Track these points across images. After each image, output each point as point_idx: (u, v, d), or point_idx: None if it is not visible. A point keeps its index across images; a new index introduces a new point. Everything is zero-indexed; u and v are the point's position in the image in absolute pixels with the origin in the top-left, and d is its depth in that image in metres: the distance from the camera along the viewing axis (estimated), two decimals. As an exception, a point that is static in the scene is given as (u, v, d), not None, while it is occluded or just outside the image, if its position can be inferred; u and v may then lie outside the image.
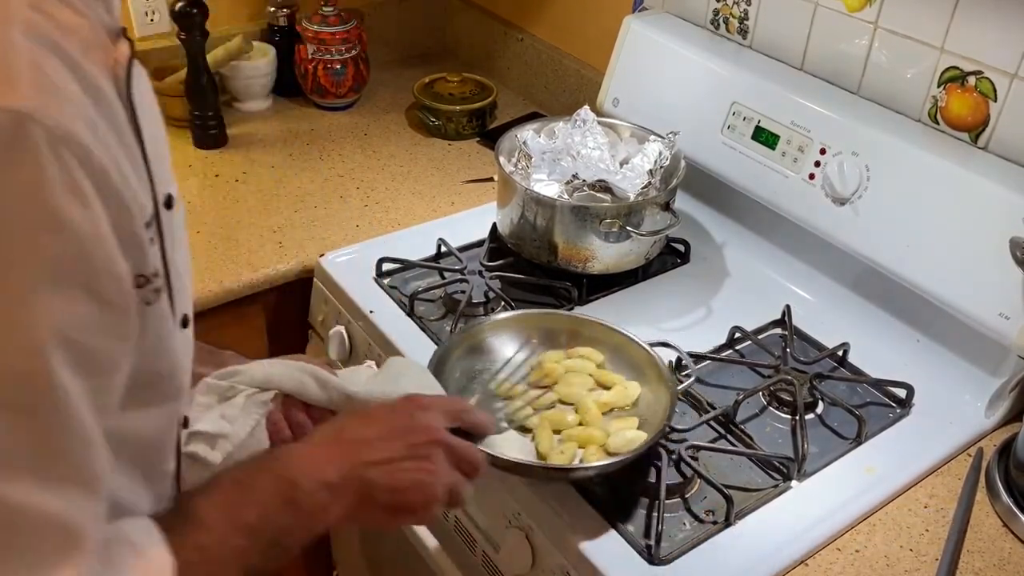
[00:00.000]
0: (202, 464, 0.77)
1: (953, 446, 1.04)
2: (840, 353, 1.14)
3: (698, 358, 1.11)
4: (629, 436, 0.93)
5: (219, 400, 0.80)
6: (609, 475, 0.93)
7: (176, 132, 1.61)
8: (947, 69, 1.12)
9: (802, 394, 1.05)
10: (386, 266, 1.24)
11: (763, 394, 1.08)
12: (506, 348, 1.04)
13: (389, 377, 0.87)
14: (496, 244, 1.29)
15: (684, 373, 1.09)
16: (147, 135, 0.57)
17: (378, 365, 0.94)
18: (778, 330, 1.19)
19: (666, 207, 1.22)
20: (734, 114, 1.28)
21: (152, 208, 0.57)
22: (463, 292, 1.18)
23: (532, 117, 1.64)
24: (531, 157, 1.27)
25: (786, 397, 1.07)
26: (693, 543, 0.89)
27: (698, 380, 1.10)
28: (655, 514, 0.90)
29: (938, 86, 1.14)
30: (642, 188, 1.23)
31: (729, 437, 1.03)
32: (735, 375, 1.12)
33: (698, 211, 1.41)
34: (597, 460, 0.90)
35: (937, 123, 1.16)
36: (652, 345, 1.02)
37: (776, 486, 0.96)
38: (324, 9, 1.67)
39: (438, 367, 0.97)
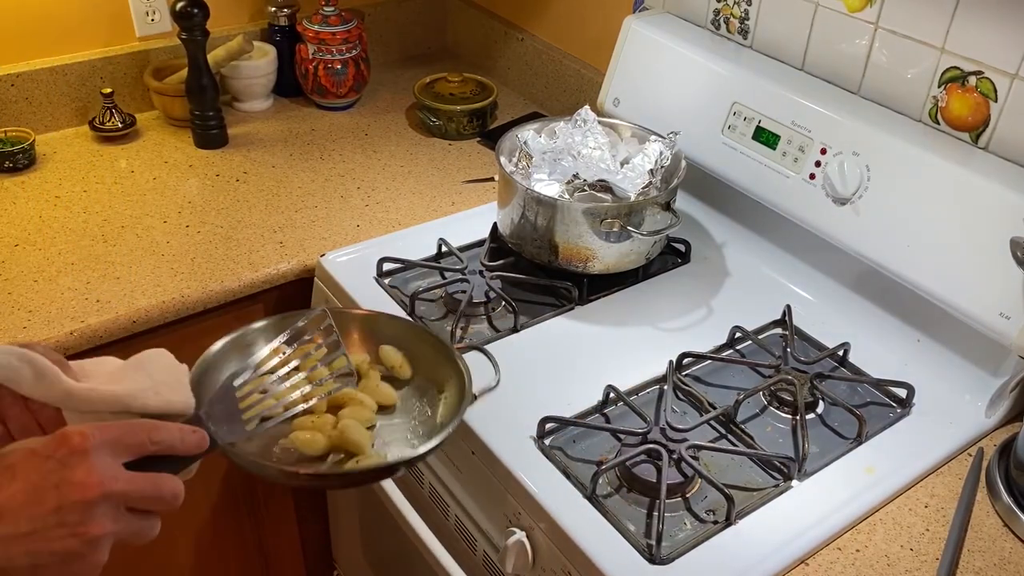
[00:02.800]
0: None
1: (953, 446, 1.04)
2: (840, 353, 1.14)
3: (699, 358, 1.11)
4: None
5: None
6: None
7: (177, 132, 1.61)
8: (947, 69, 1.12)
9: (803, 394, 1.05)
10: (387, 266, 1.25)
11: (764, 394, 1.08)
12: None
13: (129, 370, 0.76)
14: (497, 244, 1.29)
15: (685, 373, 1.10)
16: None
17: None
18: (779, 330, 1.20)
19: (667, 207, 1.22)
20: (735, 114, 1.28)
21: None
22: (464, 292, 1.18)
23: (532, 117, 1.64)
24: (532, 157, 1.27)
25: (787, 397, 1.07)
26: (694, 542, 0.89)
27: (698, 380, 1.10)
28: (656, 513, 0.90)
29: (938, 86, 1.14)
30: (643, 188, 1.23)
31: (730, 437, 1.03)
32: (736, 375, 1.12)
33: (699, 211, 1.41)
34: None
35: (938, 123, 1.16)
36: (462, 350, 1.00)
37: (777, 486, 0.96)
38: (325, 9, 1.67)
39: (204, 375, 0.87)
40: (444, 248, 1.29)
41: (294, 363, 0.86)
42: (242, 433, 0.79)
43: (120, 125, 1.56)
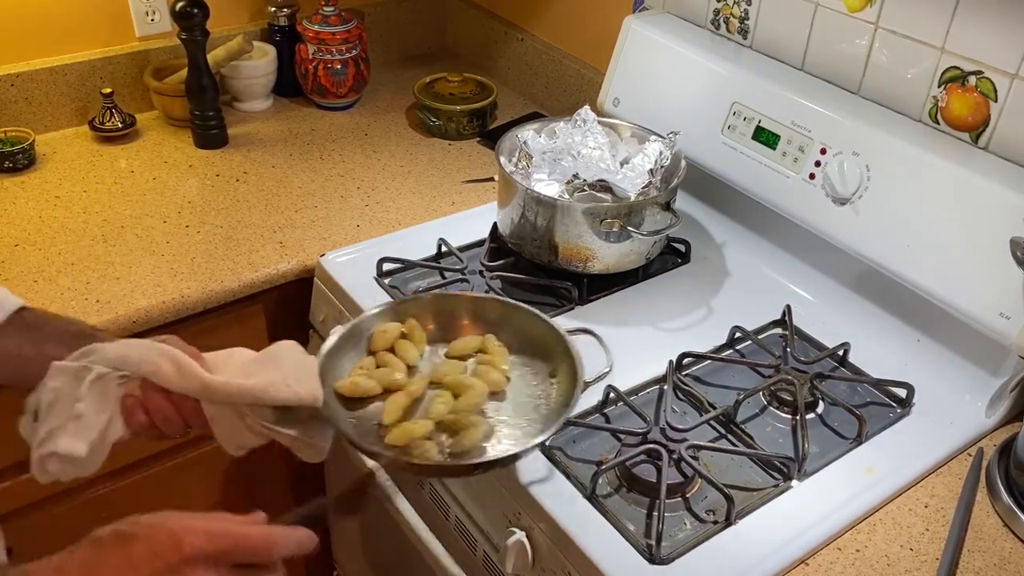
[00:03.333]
0: (67, 459, 0.74)
1: (953, 446, 1.04)
2: (840, 353, 1.14)
3: (699, 358, 1.11)
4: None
5: (71, 382, 0.75)
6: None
7: (176, 132, 1.61)
8: (947, 69, 1.12)
9: (802, 394, 1.05)
10: (387, 266, 1.25)
11: (764, 394, 1.08)
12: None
13: (265, 367, 0.80)
14: (497, 244, 1.29)
15: (685, 373, 1.10)
16: None
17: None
18: (778, 330, 1.20)
19: (667, 207, 1.22)
20: (734, 114, 1.28)
21: None
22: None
23: (532, 117, 1.64)
24: (531, 157, 1.27)
25: (786, 397, 1.07)
26: (694, 543, 0.89)
27: (698, 380, 1.10)
28: (656, 513, 0.90)
29: (938, 86, 1.14)
30: (643, 188, 1.23)
31: (730, 437, 1.03)
32: (735, 375, 1.12)
33: (698, 211, 1.41)
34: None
35: (937, 123, 1.16)
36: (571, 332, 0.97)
37: (777, 486, 0.96)
38: (324, 9, 1.67)
39: (328, 361, 0.90)
40: (444, 248, 1.29)
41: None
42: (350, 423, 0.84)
43: (120, 125, 1.56)
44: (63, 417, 0.74)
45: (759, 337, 1.15)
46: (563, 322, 1.18)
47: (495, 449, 0.85)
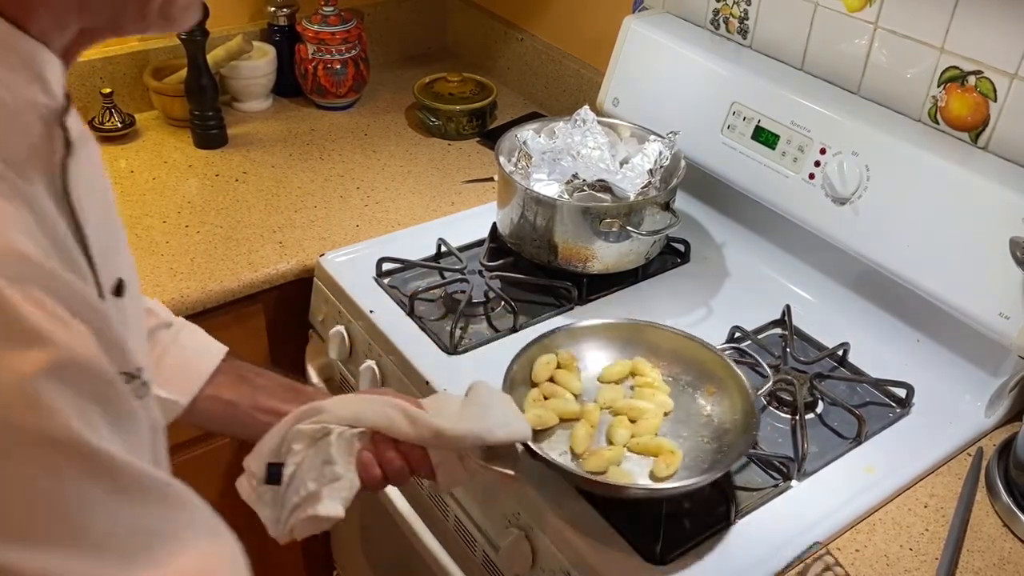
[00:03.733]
0: (323, 521, 0.77)
1: (953, 446, 1.04)
2: (840, 353, 1.14)
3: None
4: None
5: (310, 444, 0.79)
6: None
7: (176, 132, 1.61)
8: (947, 69, 1.12)
9: (802, 394, 1.05)
10: (386, 266, 1.25)
11: (763, 394, 1.08)
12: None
13: (477, 409, 0.85)
14: (496, 244, 1.29)
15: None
16: (90, 228, 0.56)
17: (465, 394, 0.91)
18: (778, 330, 1.19)
19: (666, 207, 1.22)
20: (734, 114, 1.28)
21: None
22: (463, 292, 1.18)
23: (532, 117, 1.64)
24: (531, 157, 1.27)
25: (786, 397, 1.07)
26: (694, 542, 0.89)
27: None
28: (656, 513, 0.90)
29: (938, 86, 1.14)
30: (642, 188, 1.23)
31: (729, 437, 1.03)
32: (735, 375, 1.12)
33: (698, 211, 1.41)
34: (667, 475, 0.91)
35: (937, 123, 1.16)
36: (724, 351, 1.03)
37: (776, 486, 0.96)
38: (324, 9, 1.67)
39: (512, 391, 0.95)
40: (443, 248, 1.29)
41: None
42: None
43: (120, 125, 1.56)
44: (319, 480, 0.78)
45: (759, 337, 1.15)
46: (563, 322, 1.18)
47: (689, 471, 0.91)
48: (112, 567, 0.48)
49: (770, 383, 1.06)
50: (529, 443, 0.86)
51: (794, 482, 0.97)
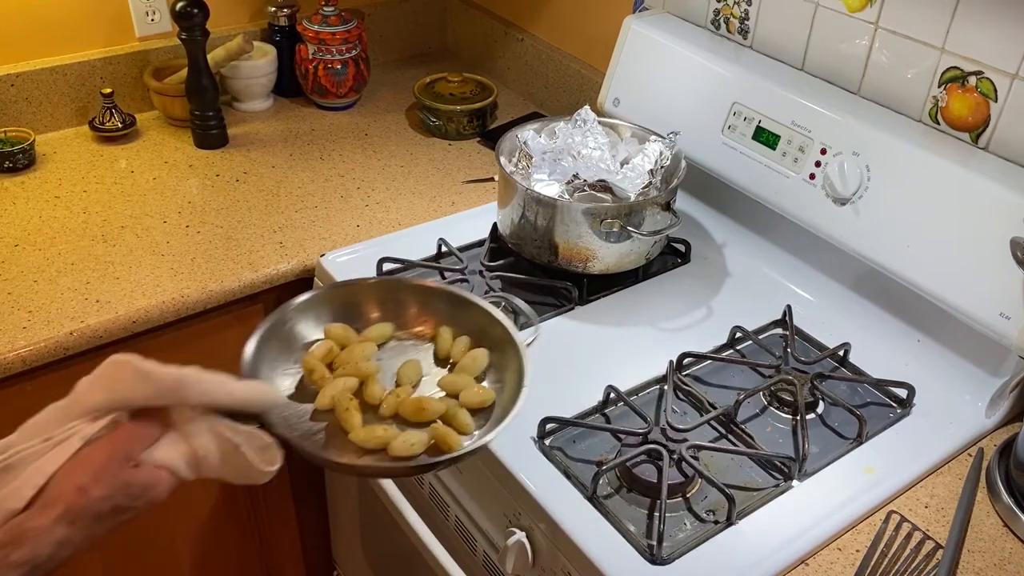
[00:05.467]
0: None
1: (953, 446, 1.04)
2: (841, 353, 1.14)
3: (699, 358, 1.11)
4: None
5: None
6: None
7: (177, 132, 1.61)
8: (948, 69, 1.12)
9: (803, 394, 1.05)
10: (387, 266, 1.24)
11: (764, 394, 1.08)
12: (317, 332, 0.89)
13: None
14: (497, 244, 1.29)
15: (686, 373, 1.10)
16: None
17: None
18: (779, 330, 1.20)
19: (667, 207, 1.22)
20: (735, 114, 1.28)
21: None
22: (464, 292, 1.18)
23: (532, 117, 1.64)
24: (532, 157, 1.27)
25: (787, 397, 1.07)
26: (694, 543, 0.89)
27: (699, 380, 1.10)
28: (656, 514, 0.90)
29: (939, 86, 1.14)
30: (643, 188, 1.23)
31: (730, 437, 1.03)
32: (736, 375, 1.12)
33: (699, 211, 1.41)
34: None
35: (938, 123, 1.16)
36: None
37: (777, 486, 0.96)
38: (324, 9, 1.67)
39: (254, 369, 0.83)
40: (444, 248, 1.29)
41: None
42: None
43: (120, 125, 1.56)
44: None
45: (759, 337, 1.15)
46: (563, 322, 1.18)
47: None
48: None
49: (770, 383, 1.06)
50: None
51: (795, 482, 0.97)
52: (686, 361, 1.11)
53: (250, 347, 0.83)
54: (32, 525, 0.62)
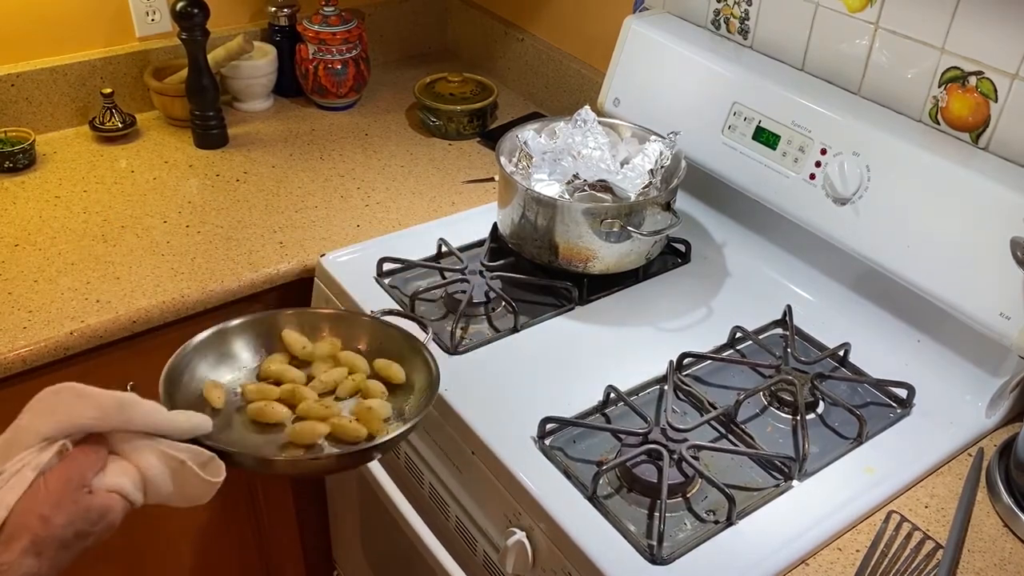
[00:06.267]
0: None
1: (954, 446, 1.04)
2: (841, 353, 1.14)
3: (699, 358, 1.11)
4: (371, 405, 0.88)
5: None
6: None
7: (177, 132, 1.61)
8: (948, 69, 1.12)
9: (803, 394, 1.05)
10: (387, 266, 1.24)
11: (764, 394, 1.08)
12: (243, 354, 0.95)
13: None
14: (497, 244, 1.29)
15: (686, 373, 1.10)
16: None
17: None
18: (779, 330, 1.20)
19: (667, 207, 1.22)
20: (735, 114, 1.28)
21: None
22: (464, 292, 1.18)
23: (532, 117, 1.64)
24: (532, 157, 1.27)
25: (787, 397, 1.07)
26: (695, 542, 0.89)
27: (699, 380, 1.10)
28: (656, 514, 0.90)
29: (939, 86, 1.14)
30: (643, 188, 1.23)
31: (730, 437, 1.03)
32: (736, 375, 1.12)
33: (699, 211, 1.41)
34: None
35: (938, 123, 1.16)
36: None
37: (777, 486, 0.96)
38: (325, 9, 1.67)
39: (178, 374, 0.88)
40: (444, 248, 1.29)
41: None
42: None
43: (120, 125, 1.56)
44: None
45: (760, 337, 1.15)
46: (563, 322, 1.18)
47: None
48: None
49: (770, 383, 1.06)
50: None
51: (795, 482, 0.97)
52: (686, 361, 1.11)
53: (160, 387, 0.85)
54: (1, 560, 0.62)
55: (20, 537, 0.63)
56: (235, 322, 0.95)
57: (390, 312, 1.07)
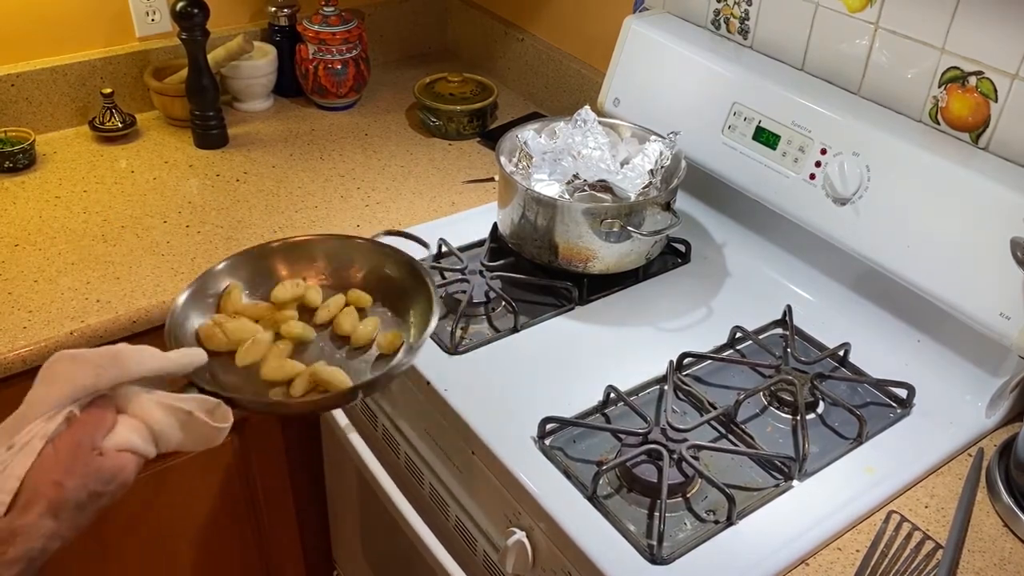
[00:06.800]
0: None
1: (954, 446, 1.04)
2: (841, 353, 1.14)
3: (699, 358, 1.11)
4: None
5: None
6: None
7: (177, 132, 1.61)
8: (948, 69, 1.12)
9: (803, 394, 1.05)
10: (387, 266, 1.24)
11: (764, 394, 1.08)
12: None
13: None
14: (497, 244, 1.29)
15: (686, 373, 1.10)
16: None
17: None
18: (779, 330, 1.20)
19: (667, 207, 1.22)
20: (735, 114, 1.28)
21: None
22: (464, 292, 1.18)
23: (532, 117, 1.64)
24: (532, 157, 1.27)
25: (787, 397, 1.07)
26: (695, 542, 0.89)
27: (699, 380, 1.10)
28: (657, 513, 0.90)
29: (939, 86, 1.14)
30: (643, 188, 1.23)
31: (730, 437, 1.03)
32: (736, 375, 1.12)
33: (699, 211, 1.41)
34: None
35: (938, 123, 1.16)
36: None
37: (777, 486, 0.97)
38: (325, 9, 1.67)
39: (176, 326, 0.88)
40: (444, 248, 1.29)
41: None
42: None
43: (120, 125, 1.56)
44: None
45: (759, 337, 1.15)
46: (563, 322, 1.18)
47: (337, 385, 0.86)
48: None
49: (770, 383, 1.06)
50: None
51: (795, 482, 0.97)
52: (686, 361, 1.11)
53: (180, 300, 0.90)
54: (20, 523, 0.64)
55: (36, 503, 0.65)
56: (220, 265, 0.95)
57: (389, 233, 1.06)
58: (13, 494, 0.65)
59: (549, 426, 0.99)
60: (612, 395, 1.04)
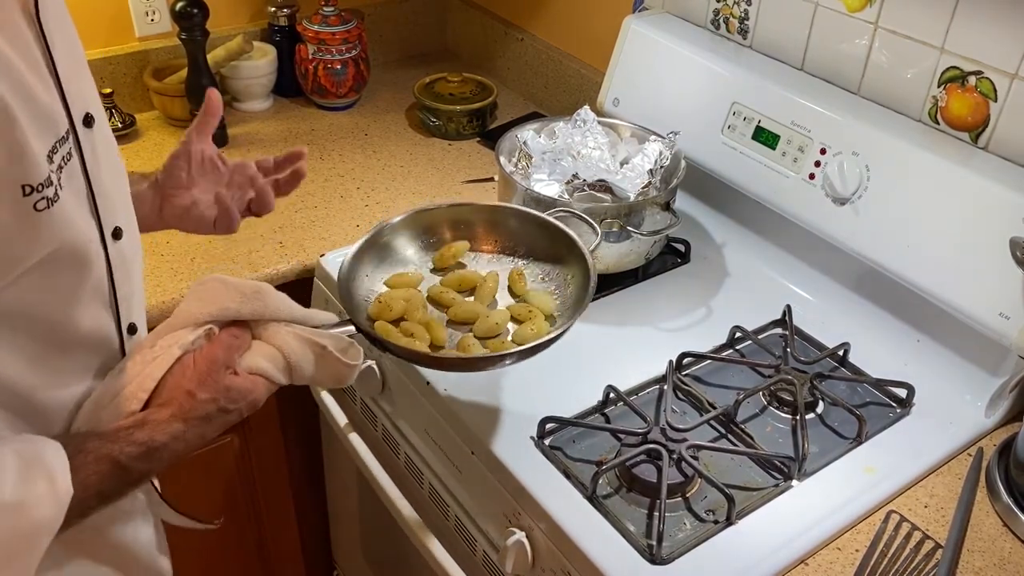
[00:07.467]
0: None
1: (953, 446, 1.04)
2: (840, 353, 1.14)
3: (699, 358, 1.11)
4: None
5: None
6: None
7: (177, 132, 1.61)
8: (947, 69, 1.12)
9: (802, 394, 1.05)
10: (387, 266, 1.24)
11: (764, 394, 1.08)
12: (408, 250, 1.03)
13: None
14: (496, 244, 1.29)
15: (685, 373, 1.10)
16: (59, 55, 0.62)
17: None
18: (779, 330, 1.20)
19: (666, 207, 1.22)
20: (734, 114, 1.28)
21: (68, 125, 0.61)
22: (464, 292, 1.18)
23: (532, 117, 1.64)
24: (531, 157, 1.27)
25: (787, 397, 1.07)
26: (694, 542, 0.89)
27: (698, 380, 1.10)
28: (656, 513, 0.90)
29: (938, 86, 1.14)
30: (642, 188, 1.23)
31: (730, 437, 1.03)
32: (736, 375, 1.12)
33: (698, 211, 1.41)
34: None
35: (937, 123, 1.16)
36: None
37: (777, 485, 0.97)
38: (324, 9, 1.67)
39: (346, 287, 0.94)
40: (444, 248, 1.29)
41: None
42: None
43: (120, 125, 1.56)
44: None
45: (759, 337, 1.15)
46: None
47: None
48: None
49: (769, 383, 1.06)
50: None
51: (795, 482, 0.97)
52: (686, 361, 1.11)
53: (350, 254, 0.97)
54: (152, 417, 0.71)
55: (169, 405, 0.71)
56: (395, 220, 1.01)
57: (560, 210, 1.09)
58: (150, 392, 0.72)
59: (549, 426, 0.99)
60: (612, 395, 1.04)
